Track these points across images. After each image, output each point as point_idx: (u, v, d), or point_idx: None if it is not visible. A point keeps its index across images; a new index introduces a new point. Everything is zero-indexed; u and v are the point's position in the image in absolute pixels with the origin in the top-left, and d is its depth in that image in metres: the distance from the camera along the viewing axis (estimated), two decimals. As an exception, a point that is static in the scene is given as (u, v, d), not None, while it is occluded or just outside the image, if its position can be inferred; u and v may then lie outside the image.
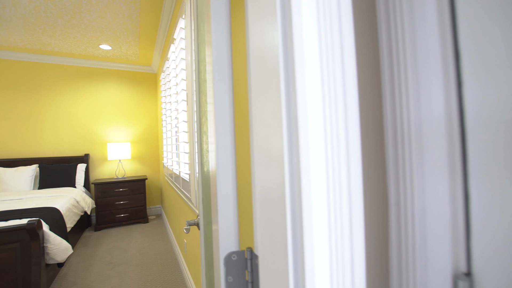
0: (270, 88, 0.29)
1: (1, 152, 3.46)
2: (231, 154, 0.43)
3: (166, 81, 2.57)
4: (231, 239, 0.40)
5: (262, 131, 0.31)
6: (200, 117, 1.00)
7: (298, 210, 0.26)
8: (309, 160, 0.25)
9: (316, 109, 0.26)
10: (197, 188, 1.49)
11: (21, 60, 3.61)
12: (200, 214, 1.01)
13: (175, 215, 2.65)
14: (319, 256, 0.25)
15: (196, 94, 1.00)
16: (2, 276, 1.78)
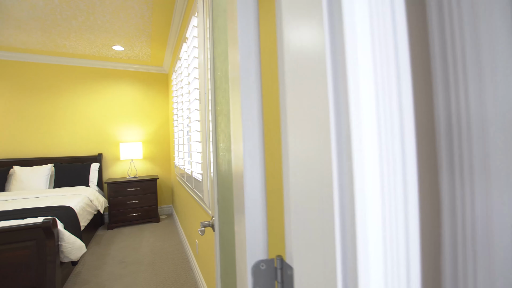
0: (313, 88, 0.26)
1: (19, 151, 3.56)
2: (259, 153, 0.40)
3: (178, 80, 2.57)
4: (260, 246, 0.36)
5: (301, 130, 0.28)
6: (216, 116, 0.98)
7: (349, 219, 0.22)
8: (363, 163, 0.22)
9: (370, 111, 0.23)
10: (211, 188, 1.47)
11: (38, 62, 3.70)
12: (215, 215, 0.98)
13: (186, 215, 2.64)
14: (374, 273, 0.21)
15: (211, 92, 0.98)
16: (19, 273, 1.81)
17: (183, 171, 2.48)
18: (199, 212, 1.86)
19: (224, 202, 0.83)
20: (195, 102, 1.70)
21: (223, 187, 0.83)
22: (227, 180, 0.73)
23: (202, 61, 1.52)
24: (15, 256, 1.81)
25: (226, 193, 0.77)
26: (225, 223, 0.80)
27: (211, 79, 0.97)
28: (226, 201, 0.78)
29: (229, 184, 0.71)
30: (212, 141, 0.96)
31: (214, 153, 0.96)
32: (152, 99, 4.28)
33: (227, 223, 0.78)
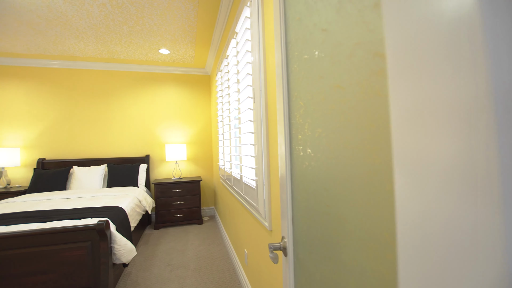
0: None
1: (77, 152, 3.83)
2: None
3: (224, 79, 2.46)
4: None
5: None
6: (289, 114, 0.79)
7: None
8: None
9: None
10: (268, 198, 1.29)
11: (93, 69, 3.95)
12: (287, 236, 0.80)
13: (232, 221, 2.53)
14: None
15: (284, 87, 0.79)
16: (76, 272, 1.85)
17: (230, 174, 2.36)
18: (251, 221, 1.71)
19: (308, 222, 0.64)
20: (247, 101, 1.55)
21: (308, 198, 0.64)
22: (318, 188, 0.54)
23: (257, 55, 1.36)
24: (72, 256, 1.85)
25: (318, 209, 0.57)
26: (313, 253, 0.61)
27: (283, 71, 0.78)
28: (316, 221, 0.59)
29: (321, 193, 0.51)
30: (285, 143, 0.78)
31: (287, 157, 0.78)
32: (195, 101, 4.31)
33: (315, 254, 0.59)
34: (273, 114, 1.22)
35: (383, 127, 0.33)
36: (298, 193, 0.72)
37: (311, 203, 0.61)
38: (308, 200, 0.63)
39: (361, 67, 0.36)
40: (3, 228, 1.93)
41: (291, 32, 0.71)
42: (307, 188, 0.64)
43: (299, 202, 0.71)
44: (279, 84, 0.82)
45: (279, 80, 0.82)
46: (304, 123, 0.64)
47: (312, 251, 0.61)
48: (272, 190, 1.27)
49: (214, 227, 3.67)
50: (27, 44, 3.25)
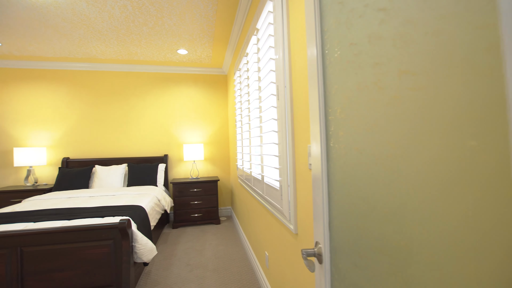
0: None
1: (99, 152, 3.94)
2: None
3: (243, 78, 2.43)
4: None
5: None
6: (325, 109, 0.73)
7: None
8: None
9: None
10: (293, 199, 1.24)
11: (113, 71, 4.05)
12: (323, 242, 0.74)
13: (251, 222, 2.48)
14: None
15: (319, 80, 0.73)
16: (99, 270, 1.88)
17: (249, 175, 2.32)
18: (272, 223, 1.65)
19: (354, 229, 0.58)
20: (270, 99, 1.50)
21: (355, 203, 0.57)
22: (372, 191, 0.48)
23: (281, 51, 1.31)
24: (95, 254, 1.88)
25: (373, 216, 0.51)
26: (360, 266, 0.55)
27: (318, 64, 0.73)
28: (368, 229, 0.53)
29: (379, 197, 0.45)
30: (321, 141, 0.72)
31: (323, 154, 0.72)
32: (212, 101, 4.31)
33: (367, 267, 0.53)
34: (300, 111, 1.16)
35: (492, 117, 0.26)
36: (338, 196, 0.66)
37: (360, 208, 0.54)
38: (356, 205, 0.56)
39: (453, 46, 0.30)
40: (31, 225, 1.99)
41: (329, 18, 0.65)
42: (353, 191, 0.58)
43: (340, 206, 0.65)
44: (312, 77, 0.77)
45: (312, 73, 0.76)
46: (348, 118, 0.57)
47: (359, 263, 0.55)
48: (298, 192, 1.21)
49: (232, 227, 3.64)
50: (53, 47, 3.37)
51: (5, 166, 3.75)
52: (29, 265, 1.81)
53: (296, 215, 1.24)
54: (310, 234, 1.10)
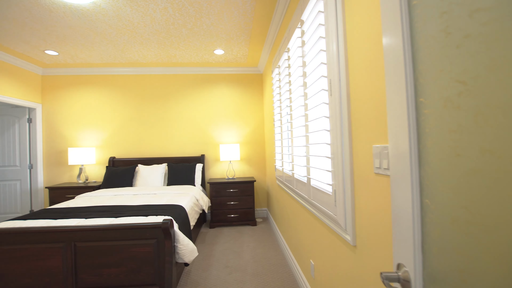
0: None
1: (142, 152, 4.12)
2: None
3: (284, 75, 2.31)
4: None
5: None
6: (415, 103, 0.60)
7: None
8: None
9: None
10: (349, 206, 1.09)
11: (154, 74, 4.21)
12: (411, 267, 0.60)
13: (292, 226, 2.36)
14: None
15: (406, 67, 0.60)
16: (143, 268, 1.91)
17: (290, 176, 2.20)
18: (321, 231, 1.51)
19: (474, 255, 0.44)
20: (320, 95, 1.36)
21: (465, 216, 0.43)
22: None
23: (334, 40, 1.17)
24: (139, 252, 1.91)
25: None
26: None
27: (404, 37, 0.59)
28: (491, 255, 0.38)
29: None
30: (410, 135, 0.59)
31: (412, 155, 0.58)
32: (247, 101, 4.27)
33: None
34: (361, 107, 1.02)
35: None
36: (438, 210, 0.51)
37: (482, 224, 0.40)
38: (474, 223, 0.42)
39: None
40: (83, 221, 2.10)
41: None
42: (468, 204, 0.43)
43: (441, 221, 0.51)
44: (392, 64, 0.63)
45: (392, 59, 0.63)
46: (471, 110, 0.43)
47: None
48: (357, 198, 1.06)
49: (268, 229, 3.55)
50: (100, 54, 3.59)
51: (61, 165, 4.10)
52: (82, 259, 1.90)
53: (354, 225, 1.10)
54: (374, 249, 0.95)
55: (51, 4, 2.37)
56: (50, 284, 1.89)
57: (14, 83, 3.64)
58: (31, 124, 4.01)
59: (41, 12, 2.50)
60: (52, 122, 4.11)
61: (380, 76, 0.87)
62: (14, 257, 1.88)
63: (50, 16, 2.58)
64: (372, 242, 0.97)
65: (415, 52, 0.58)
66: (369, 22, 0.93)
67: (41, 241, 1.90)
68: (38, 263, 1.88)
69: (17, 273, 1.87)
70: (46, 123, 4.11)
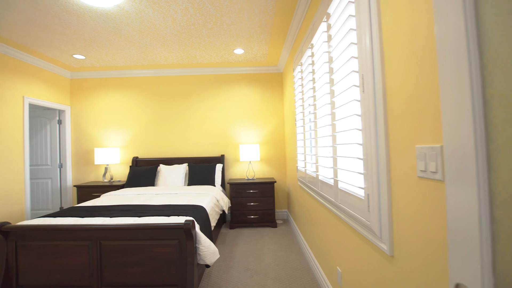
0: None
1: (163, 152, 4.19)
2: None
3: (307, 72, 2.23)
4: None
5: None
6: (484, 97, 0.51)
7: None
8: None
9: None
10: (385, 212, 1.00)
11: (174, 75, 4.26)
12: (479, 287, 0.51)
13: (315, 230, 2.27)
14: None
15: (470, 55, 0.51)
16: (165, 269, 1.90)
17: (314, 178, 2.11)
18: (350, 237, 1.42)
19: None
20: (350, 92, 1.27)
21: None
22: None
23: (367, 32, 1.08)
24: (161, 252, 1.91)
25: None
26: None
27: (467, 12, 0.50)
28: None
29: None
30: (476, 130, 0.50)
31: (479, 155, 0.49)
32: (267, 100, 4.21)
33: None
34: (400, 104, 0.92)
35: None
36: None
37: None
38: None
39: None
40: (108, 220, 2.14)
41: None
42: None
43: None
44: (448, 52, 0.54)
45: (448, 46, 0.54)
46: None
47: None
48: (396, 204, 0.97)
49: (289, 232, 3.46)
50: (124, 56, 3.69)
51: (88, 164, 4.27)
52: (106, 258, 1.93)
53: (391, 233, 1.00)
54: (416, 261, 0.85)
55: (78, 10, 2.45)
56: (78, 281, 1.93)
57: (46, 86, 3.84)
58: (61, 125, 4.21)
59: (69, 18, 2.59)
60: (80, 123, 4.29)
61: (428, 67, 0.77)
62: (46, 253, 1.95)
63: (77, 21, 2.67)
64: (413, 253, 0.87)
65: (482, 35, 0.49)
66: (410, 8, 0.84)
67: (69, 238, 1.95)
68: (67, 260, 1.93)
69: (50, 269, 1.94)
70: (75, 124, 4.29)
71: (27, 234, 1.97)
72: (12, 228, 1.95)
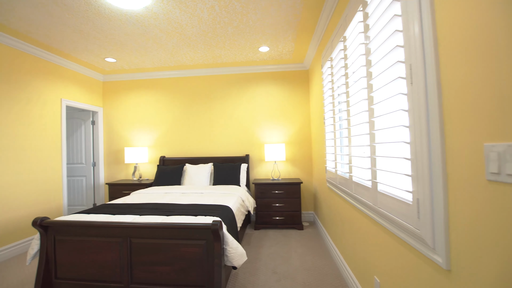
0: None
1: (189, 151, 4.25)
2: None
3: (339, 67, 2.10)
4: None
5: None
6: None
7: None
8: None
9: None
10: (440, 221, 0.87)
11: (199, 75, 4.30)
12: None
13: (347, 235, 2.14)
14: None
15: None
16: (193, 269, 1.88)
17: (346, 179, 1.98)
18: (393, 245, 1.29)
19: None
20: (395, 85, 1.15)
21: None
22: None
23: (416, 18, 0.96)
24: (189, 252, 1.89)
25: None
26: None
27: None
28: None
29: None
30: None
31: None
32: (292, 99, 4.10)
33: None
34: (459, 96, 0.80)
35: None
36: None
37: None
38: None
39: None
40: (138, 218, 2.17)
41: None
42: None
43: None
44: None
45: None
46: None
47: None
48: (454, 211, 0.84)
49: (317, 235, 3.34)
50: (152, 58, 3.78)
51: (119, 163, 4.45)
52: (136, 255, 1.96)
53: (448, 244, 0.87)
54: (482, 278, 0.72)
55: (110, 13, 2.53)
56: (110, 276, 1.98)
57: (81, 89, 4.05)
58: (94, 126, 4.42)
59: (102, 21, 2.69)
60: (111, 123, 4.48)
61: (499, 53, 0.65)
62: (81, 248, 2.02)
63: (109, 25, 2.77)
64: (479, 269, 0.74)
65: None
66: (480, -17, 0.71)
67: (102, 235, 2.01)
68: (100, 256, 1.99)
69: (84, 263, 2.01)
70: (106, 125, 4.49)
71: (64, 229, 2.06)
72: (51, 223, 2.05)
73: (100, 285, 1.99)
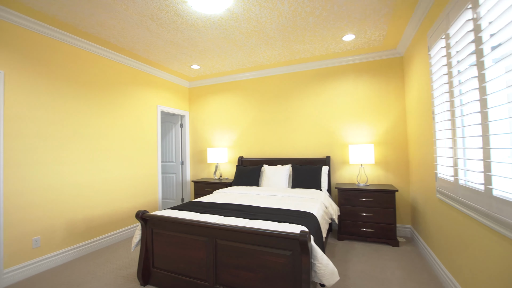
0: None
1: (266, 152, 4.20)
2: None
3: (462, 45, 1.60)
4: None
5: None
6: None
7: None
8: None
9: None
10: None
11: (276, 74, 4.20)
12: None
13: (473, 263, 1.61)
14: None
15: None
16: (278, 279, 1.74)
17: (480, 193, 1.48)
18: None
19: None
20: None
21: None
22: None
23: None
24: (273, 261, 1.76)
25: None
26: None
27: None
28: None
29: None
30: None
31: None
32: (381, 92, 3.55)
33: None
34: None
35: None
36: None
37: None
38: None
39: None
40: (222, 218, 2.18)
41: None
42: None
43: None
44: None
45: None
46: None
47: None
48: None
49: (417, 254, 2.75)
50: (230, 61, 3.88)
51: (202, 162, 4.78)
52: (221, 257, 1.95)
53: None
54: None
55: (195, 21, 2.65)
56: (197, 274, 2.03)
57: (171, 95, 4.52)
58: (182, 128, 4.88)
59: (188, 30, 2.86)
60: (196, 126, 4.86)
61: None
62: (173, 242, 2.14)
63: (194, 33, 2.92)
64: None
65: None
66: None
67: (190, 232, 2.08)
68: (189, 252, 2.06)
69: (176, 257, 2.13)
70: (192, 127, 4.90)
71: (158, 223, 2.23)
72: (149, 217, 2.25)
73: (188, 280, 2.06)
